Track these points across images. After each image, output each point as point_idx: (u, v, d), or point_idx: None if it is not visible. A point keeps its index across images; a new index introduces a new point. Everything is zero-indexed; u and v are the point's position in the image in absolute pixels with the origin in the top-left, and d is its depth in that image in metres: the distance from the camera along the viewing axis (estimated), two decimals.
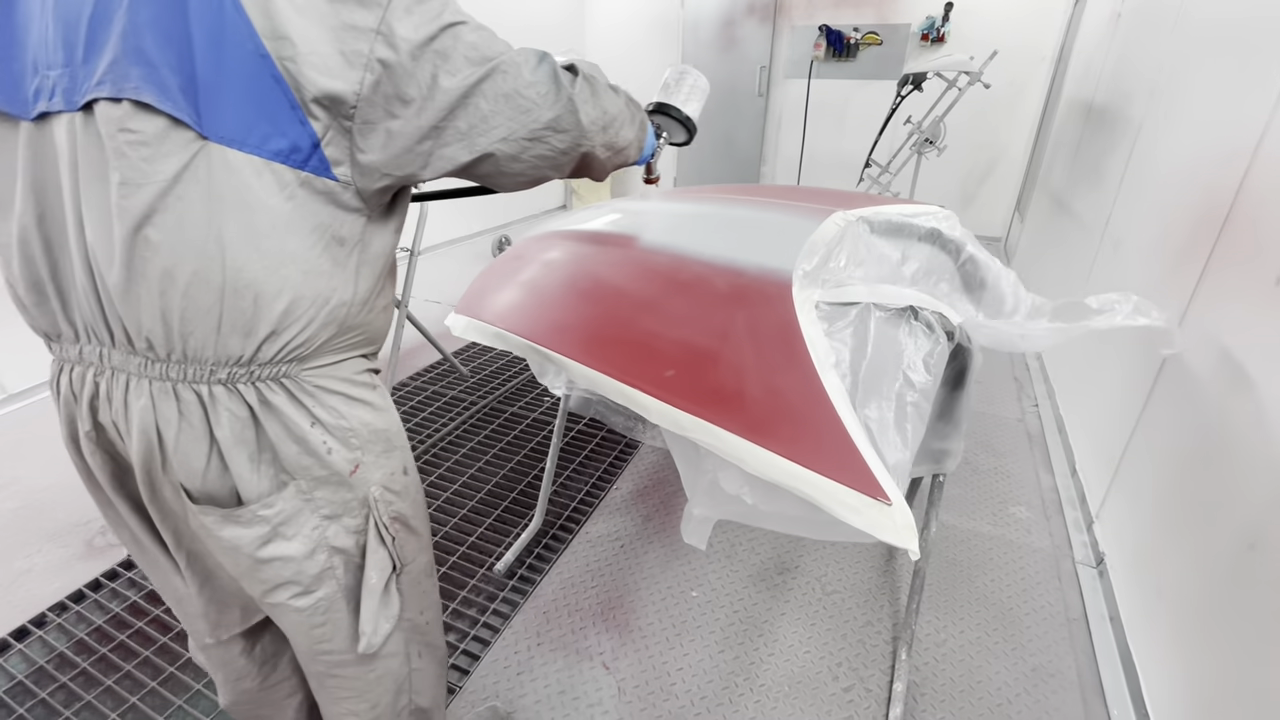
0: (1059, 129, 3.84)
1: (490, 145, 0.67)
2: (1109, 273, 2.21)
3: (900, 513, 0.72)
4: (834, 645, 1.51)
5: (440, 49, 0.62)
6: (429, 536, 0.91)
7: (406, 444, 0.83)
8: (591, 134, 0.75)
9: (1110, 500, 1.77)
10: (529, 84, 0.67)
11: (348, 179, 0.65)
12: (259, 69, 0.58)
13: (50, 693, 1.39)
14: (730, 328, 1.01)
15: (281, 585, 0.74)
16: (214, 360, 0.64)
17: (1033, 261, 3.73)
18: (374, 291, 0.73)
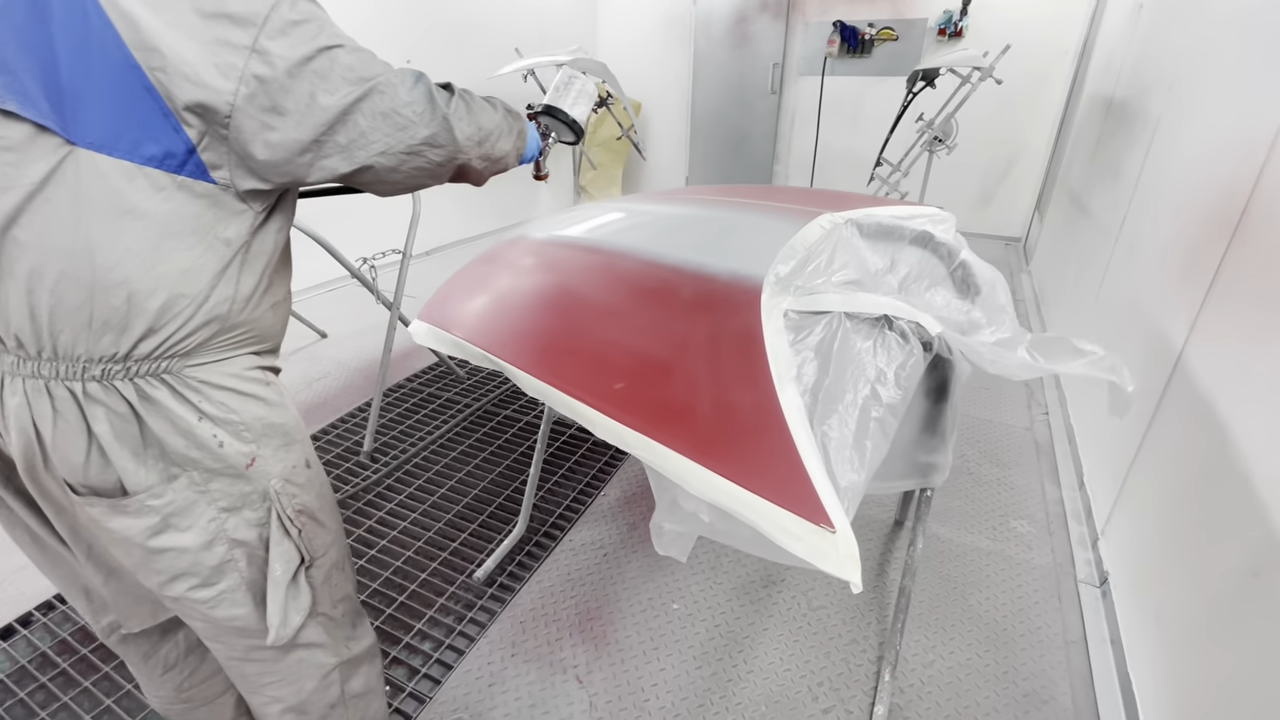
0: (1080, 126, 3.70)
1: (369, 159, 0.71)
2: (1122, 278, 2.11)
3: (844, 541, 0.67)
4: (816, 664, 1.46)
5: (318, 69, 0.66)
6: (340, 530, 0.92)
7: (307, 439, 0.86)
8: (467, 148, 0.81)
9: (1116, 516, 1.69)
10: (405, 103, 0.71)
11: (227, 182, 0.68)
12: (129, 78, 0.60)
13: (29, 692, 1.40)
14: (689, 338, 0.97)
15: (178, 577, 0.75)
16: (86, 357, 0.66)
17: (1050, 264, 3.60)
18: (257, 290, 0.75)
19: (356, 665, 0.97)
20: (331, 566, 0.89)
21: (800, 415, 0.82)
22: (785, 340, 0.95)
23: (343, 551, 0.93)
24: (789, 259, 1.22)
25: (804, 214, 1.44)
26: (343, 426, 2.40)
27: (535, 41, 5.04)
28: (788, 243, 1.28)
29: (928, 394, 1.22)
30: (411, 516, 1.93)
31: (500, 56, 4.27)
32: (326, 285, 3.77)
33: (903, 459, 1.35)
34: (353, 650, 0.95)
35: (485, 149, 0.85)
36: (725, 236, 1.36)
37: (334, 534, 0.89)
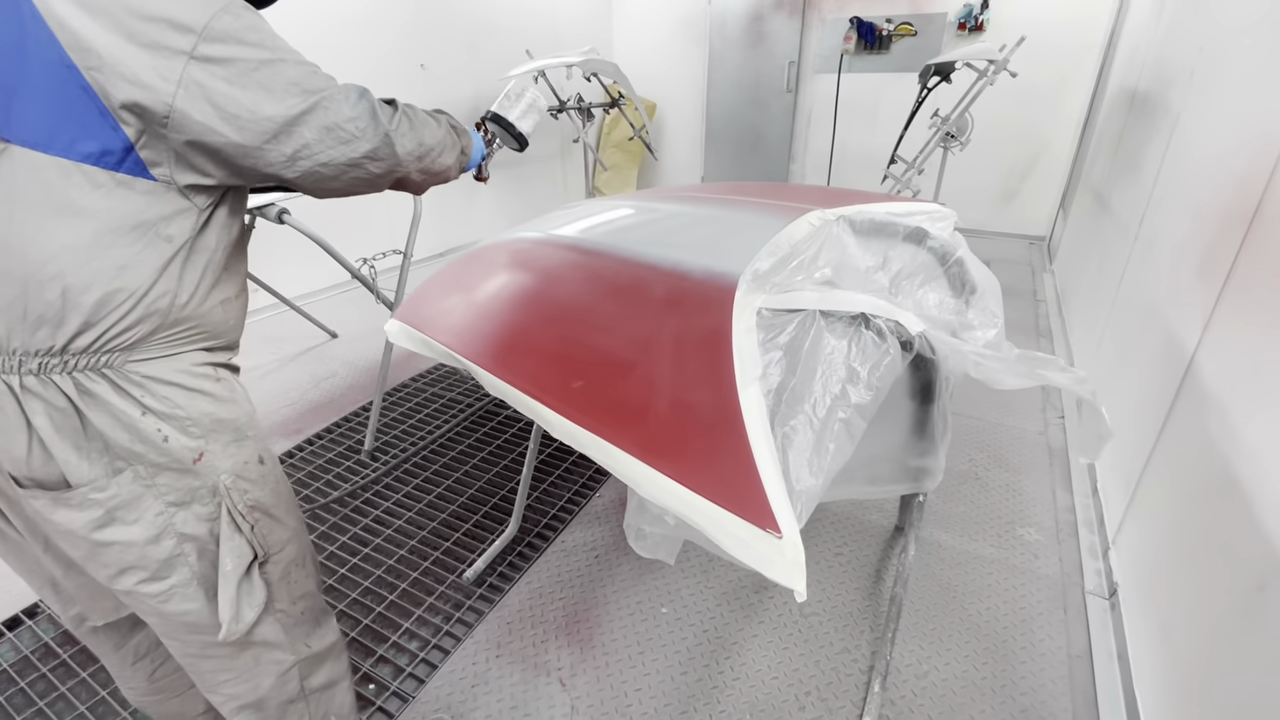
0: (1104, 121, 3.58)
1: (311, 167, 0.73)
2: (1140, 276, 2.03)
3: (790, 547, 0.64)
4: (805, 672, 1.42)
5: (262, 81, 0.67)
6: (300, 527, 0.92)
7: (261, 434, 0.85)
8: (407, 162, 0.83)
9: (1127, 524, 1.61)
10: (349, 119, 0.73)
11: (168, 179, 0.68)
12: (64, 78, 0.61)
13: (30, 681, 1.44)
14: (654, 337, 0.95)
15: (126, 570, 0.75)
16: (22, 351, 0.66)
17: (1073, 263, 3.49)
18: (201, 286, 0.75)
19: (318, 661, 0.96)
20: (289, 563, 0.88)
21: (760, 416, 0.79)
22: (754, 339, 0.92)
23: (303, 548, 0.92)
24: (770, 256, 1.19)
25: (794, 210, 1.41)
26: (346, 425, 2.42)
27: (549, 44, 5.06)
28: (771, 239, 1.25)
29: (913, 395, 1.18)
30: (406, 515, 1.94)
31: (514, 59, 4.30)
32: (340, 287, 3.83)
33: (892, 462, 1.31)
34: (313, 648, 0.94)
35: (426, 163, 0.87)
36: (708, 234, 1.33)
37: (291, 530, 0.89)
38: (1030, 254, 4.55)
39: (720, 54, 5.51)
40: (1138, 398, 1.75)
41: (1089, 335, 2.61)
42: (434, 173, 0.91)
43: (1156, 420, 1.53)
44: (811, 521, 1.86)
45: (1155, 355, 1.66)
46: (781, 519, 0.66)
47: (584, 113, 4.10)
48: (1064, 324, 3.21)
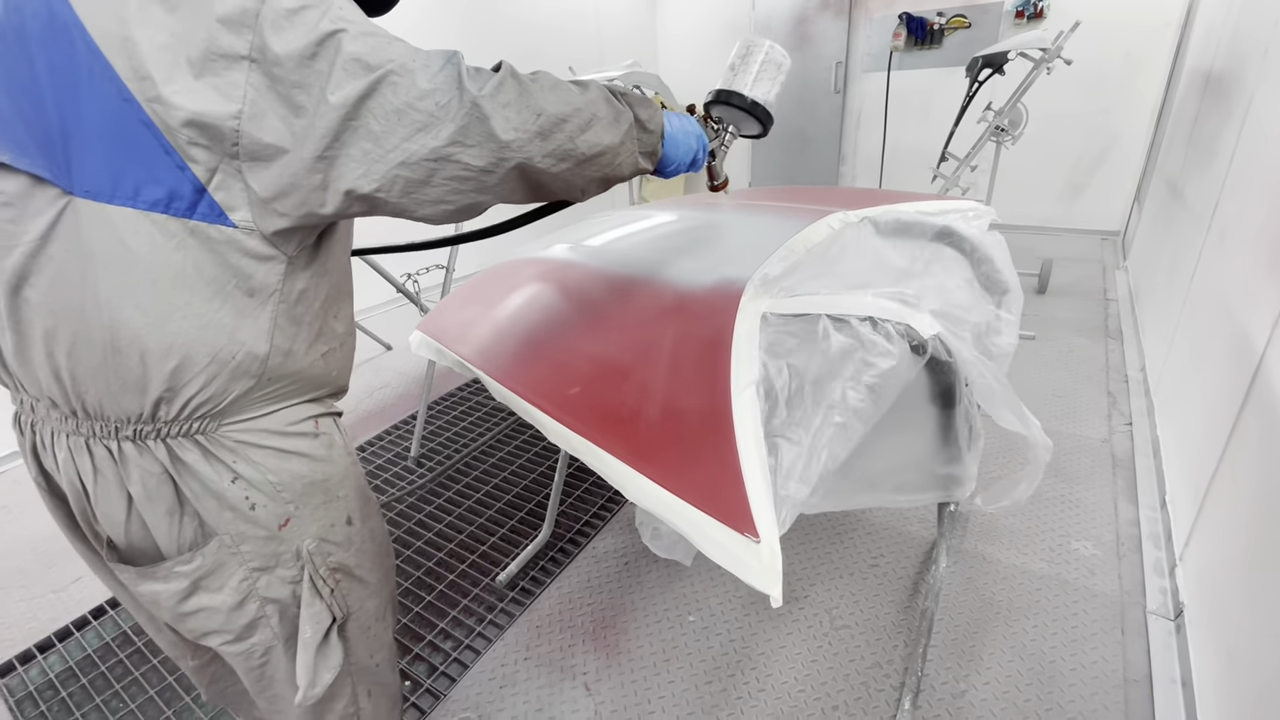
0: (1179, 105, 3.33)
1: (389, 171, 0.58)
2: (1212, 269, 1.87)
3: (768, 552, 0.64)
4: (833, 686, 1.38)
5: (321, 68, 0.55)
6: (383, 581, 0.87)
7: (352, 492, 0.79)
8: (519, 144, 0.61)
9: (1195, 539, 1.49)
10: (424, 94, 0.57)
11: (249, 224, 0.60)
12: (124, 114, 0.54)
13: (48, 706, 1.47)
14: (655, 344, 0.96)
15: (210, 634, 0.73)
16: (116, 418, 0.63)
17: (1147, 258, 3.25)
18: (298, 342, 0.68)
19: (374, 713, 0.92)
20: (370, 618, 0.85)
21: (753, 421, 0.78)
22: (755, 343, 0.92)
23: (385, 602, 0.88)
24: (783, 260, 1.18)
25: (815, 214, 1.39)
26: (395, 433, 2.54)
27: (594, 59, 5.17)
28: (786, 243, 1.24)
29: (934, 400, 1.14)
30: (447, 520, 2.01)
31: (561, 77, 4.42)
32: (397, 301, 4.02)
33: (920, 470, 1.26)
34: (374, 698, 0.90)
35: (557, 143, 0.64)
36: (724, 241, 1.33)
37: (374, 587, 0.85)
38: (1102, 250, 4.27)
39: None
40: (1208, 401, 1.61)
41: (1160, 336, 2.42)
42: (583, 157, 0.67)
43: (1225, 425, 1.41)
44: (847, 531, 1.81)
45: (1225, 354, 1.53)
46: (761, 524, 0.66)
47: None
48: (1136, 324, 2.99)
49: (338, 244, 0.71)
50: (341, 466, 0.77)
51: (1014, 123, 2.96)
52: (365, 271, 2.52)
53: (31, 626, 1.70)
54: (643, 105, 0.76)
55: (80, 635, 1.67)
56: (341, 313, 0.75)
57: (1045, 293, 3.51)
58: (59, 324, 0.59)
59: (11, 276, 0.58)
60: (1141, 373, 2.56)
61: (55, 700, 1.50)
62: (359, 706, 0.88)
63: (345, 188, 0.58)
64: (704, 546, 0.66)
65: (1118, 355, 2.75)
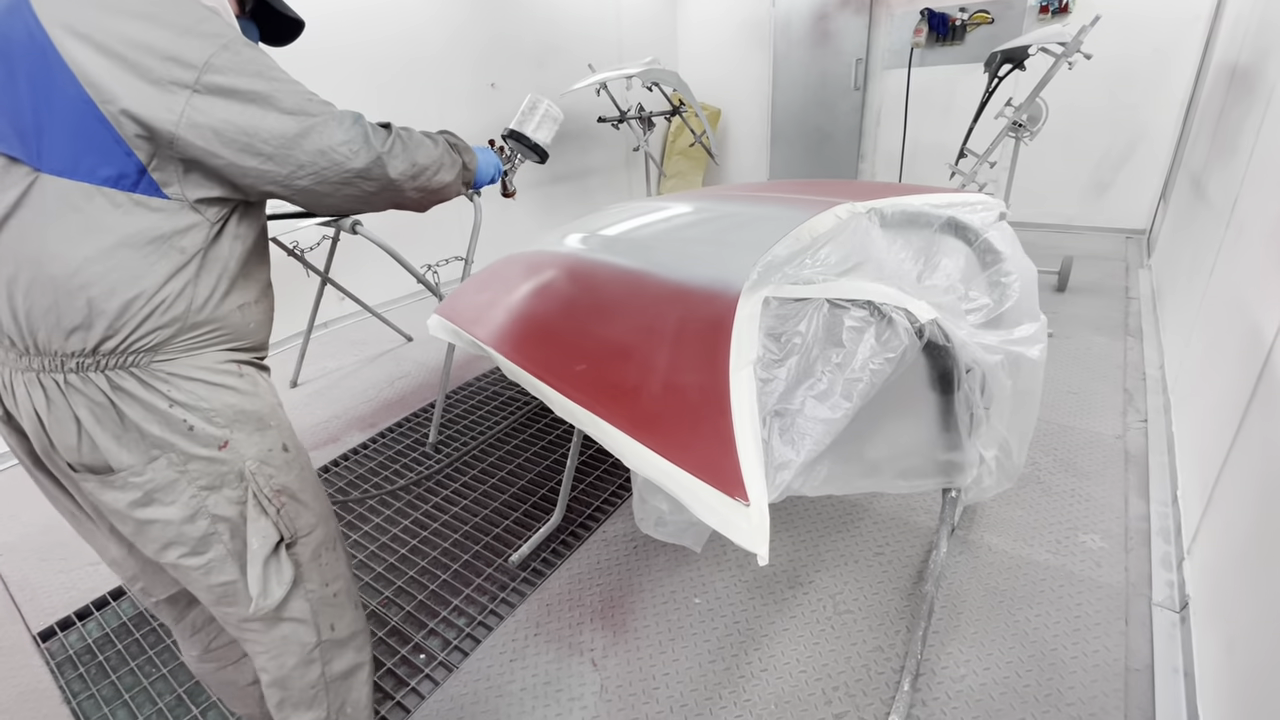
0: (1205, 100, 3.27)
1: (306, 185, 0.80)
2: (1230, 265, 1.86)
3: (757, 514, 0.67)
4: (834, 668, 1.41)
5: (258, 109, 0.74)
6: (327, 512, 0.98)
7: (285, 424, 0.92)
8: (399, 183, 0.86)
9: (1202, 533, 1.48)
10: (342, 142, 0.79)
11: (180, 196, 0.76)
12: (84, 111, 0.70)
13: (69, 680, 1.53)
14: (659, 324, 1.00)
15: (168, 545, 0.84)
16: (62, 353, 0.75)
17: (1169, 256, 3.20)
18: (215, 293, 0.82)
19: (340, 647, 1.01)
20: (319, 545, 0.95)
21: (749, 397, 0.82)
22: (755, 325, 0.95)
23: (331, 532, 0.98)
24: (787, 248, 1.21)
25: (822, 204, 1.42)
26: (414, 420, 2.61)
27: (614, 57, 5.22)
28: (791, 232, 1.27)
29: (932, 385, 1.16)
30: (463, 503, 2.07)
31: (579, 74, 4.47)
32: (418, 294, 4.11)
33: (921, 456, 1.28)
34: (337, 632, 0.99)
35: (421, 182, 0.91)
36: (730, 229, 1.37)
37: (318, 514, 0.95)
38: (1126, 249, 4.21)
39: (785, 55, 5.47)
40: (1220, 398, 1.61)
41: (1179, 333, 2.40)
42: (431, 190, 0.94)
43: (1234, 421, 1.41)
44: (854, 520, 1.83)
45: (1237, 351, 1.52)
46: (752, 490, 0.69)
47: (644, 122, 4.19)
48: (1157, 322, 2.96)
49: (252, 214, 0.87)
50: (269, 401, 0.90)
51: (1033, 118, 2.94)
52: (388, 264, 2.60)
53: (71, 595, 1.79)
54: (466, 152, 1.04)
55: (116, 605, 1.76)
56: (256, 273, 0.89)
57: (1065, 290, 3.48)
58: (19, 270, 0.73)
59: None
60: (1160, 370, 2.53)
61: (93, 664, 1.59)
62: (322, 638, 0.98)
63: (268, 190, 0.80)
64: (697, 510, 0.70)
65: (1137, 353, 2.72)
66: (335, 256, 2.90)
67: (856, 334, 0.95)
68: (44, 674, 1.56)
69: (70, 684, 1.53)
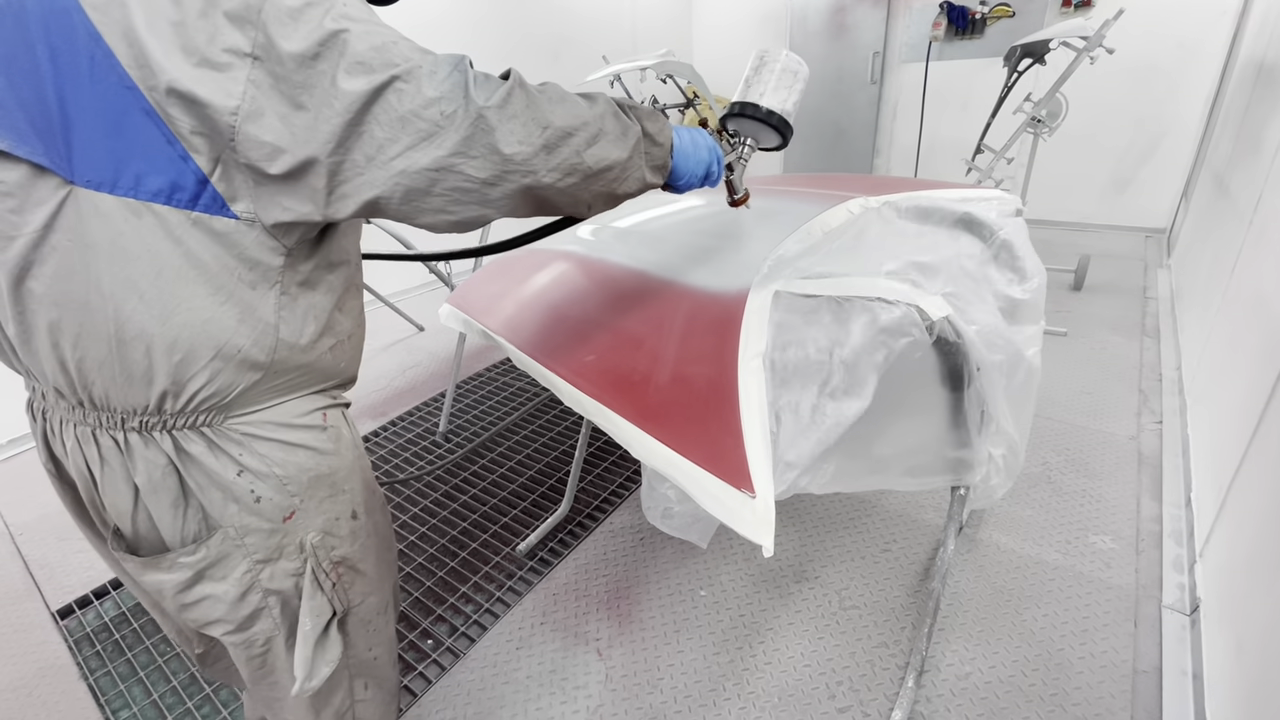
0: (1230, 97, 3.21)
1: (390, 179, 0.57)
2: (1251, 266, 1.82)
3: (762, 506, 0.68)
4: (839, 663, 1.41)
5: (324, 68, 0.54)
6: (385, 575, 0.87)
7: (358, 485, 0.79)
8: (523, 157, 0.60)
9: (1215, 536, 1.47)
10: (429, 102, 0.55)
11: (250, 215, 0.59)
12: (126, 102, 0.53)
13: (86, 658, 1.56)
14: (668, 317, 1.00)
15: (213, 624, 0.74)
16: (122, 410, 0.63)
17: (1189, 256, 3.15)
18: (304, 334, 0.67)
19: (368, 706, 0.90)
20: (371, 612, 0.84)
21: (758, 389, 0.82)
22: (765, 318, 0.95)
23: (385, 596, 0.87)
24: (799, 242, 1.21)
25: (835, 198, 1.41)
26: (425, 409, 2.63)
27: (628, 49, 5.19)
28: (803, 227, 1.26)
29: (943, 382, 1.15)
30: (471, 492, 2.09)
31: (593, 65, 4.46)
32: (430, 285, 4.13)
33: (930, 453, 1.28)
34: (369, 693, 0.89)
35: (563, 157, 0.63)
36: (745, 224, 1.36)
37: (376, 581, 0.84)
38: (1146, 248, 4.14)
39: (801, 48, 5.42)
40: (1237, 400, 1.58)
41: (1197, 334, 2.36)
42: (589, 171, 0.66)
43: (1250, 424, 1.39)
44: (862, 516, 1.83)
45: (1256, 353, 1.50)
46: (758, 482, 0.70)
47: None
48: (1175, 323, 2.91)
49: (343, 238, 0.70)
50: (348, 460, 0.77)
51: (1052, 114, 2.89)
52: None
53: (89, 575, 1.83)
54: (651, 118, 0.74)
55: None
56: (348, 306, 0.74)
57: (1081, 289, 3.43)
58: (63, 316, 0.58)
59: (14, 267, 0.57)
60: (1177, 371, 2.50)
61: (109, 641, 1.63)
62: (354, 699, 0.88)
63: (350, 192, 0.58)
64: (703, 501, 0.70)
65: (1153, 353, 2.69)
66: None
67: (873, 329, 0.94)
68: (62, 651, 1.60)
69: (87, 661, 1.56)
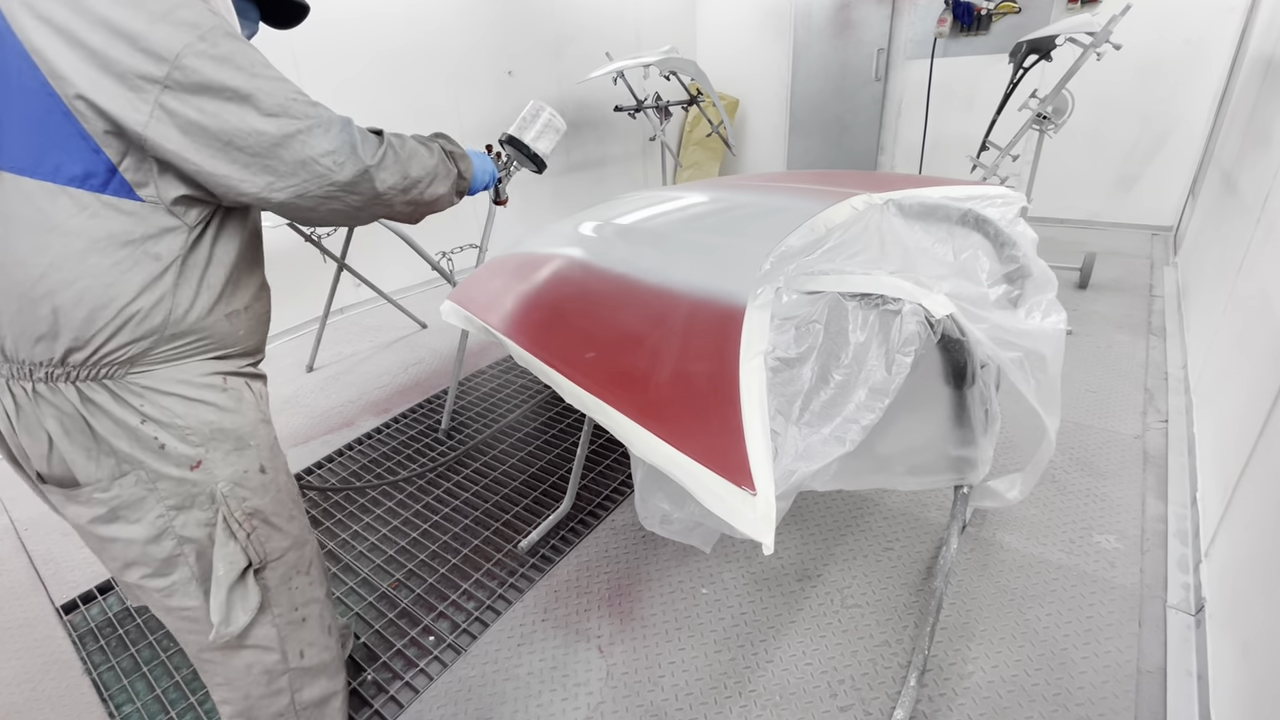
0: (1239, 94, 3.18)
1: (285, 198, 0.73)
2: (1258, 264, 1.81)
3: (763, 504, 0.67)
4: (840, 661, 1.40)
5: (235, 111, 0.67)
6: (303, 535, 0.92)
7: (266, 441, 0.86)
8: (388, 196, 0.80)
9: (1220, 536, 1.46)
10: (325, 153, 0.72)
11: (155, 198, 0.70)
12: (47, 105, 0.64)
13: (90, 652, 1.56)
14: (670, 313, 0.99)
15: (130, 565, 0.79)
16: (30, 361, 0.71)
17: (1196, 254, 3.13)
18: (198, 301, 0.76)
19: (311, 675, 0.94)
20: (291, 568, 0.89)
21: (758, 387, 0.81)
22: (767, 316, 0.95)
23: (306, 555, 0.92)
24: (802, 239, 1.20)
25: (839, 195, 1.40)
26: (427, 406, 2.63)
27: (631, 46, 5.18)
28: (806, 223, 1.25)
29: (946, 380, 1.14)
30: (473, 489, 2.09)
31: (596, 62, 4.45)
32: (433, 282, 4.13)
33: (933, 452, 1.27)
34: (306, 659, 0.93)
35: (413, 195, 0.85)
36: (748, 219, 1.35)
37: (293, 537, 0.89)
38: (1152, 246, 4.12)
39: (805, 45, 5.40)
40: (1244, 399, 1.57)
41: (1204, 333, 2.35)
42: (424, 203, 0.89)
43: (1257, 423, 1.38)
44: (864, 515, 1.83)
45: (1262, 352, 1.49)
46: (759, 479, 0.69)
47: (661, 111, 4.16)
48: (1182, 321, 2.89)
49: (239, 217, 0.80)
50: (251, 419, 0.84)
51: (1058, 110, 2.87)
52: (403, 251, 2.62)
53: (93, 570, 1.84)
54: (462, 160, 0.98)
55: None
56: (246, 279, 0.83)
57: (1087, 287, 3.41)
58: None
59: None
60: (1183, 370, 2.48)
61: (113, 636, 1.63)
62: (290, 665, 0.91)
63: (243, 200, 0.72)
64: (703, 498, 0.70)
65: (1159, 352, 2.67)
66: (351, 243, 2.92)
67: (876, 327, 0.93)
68: (66, 645, 1.60)
69: (91, 655, 1.57)
